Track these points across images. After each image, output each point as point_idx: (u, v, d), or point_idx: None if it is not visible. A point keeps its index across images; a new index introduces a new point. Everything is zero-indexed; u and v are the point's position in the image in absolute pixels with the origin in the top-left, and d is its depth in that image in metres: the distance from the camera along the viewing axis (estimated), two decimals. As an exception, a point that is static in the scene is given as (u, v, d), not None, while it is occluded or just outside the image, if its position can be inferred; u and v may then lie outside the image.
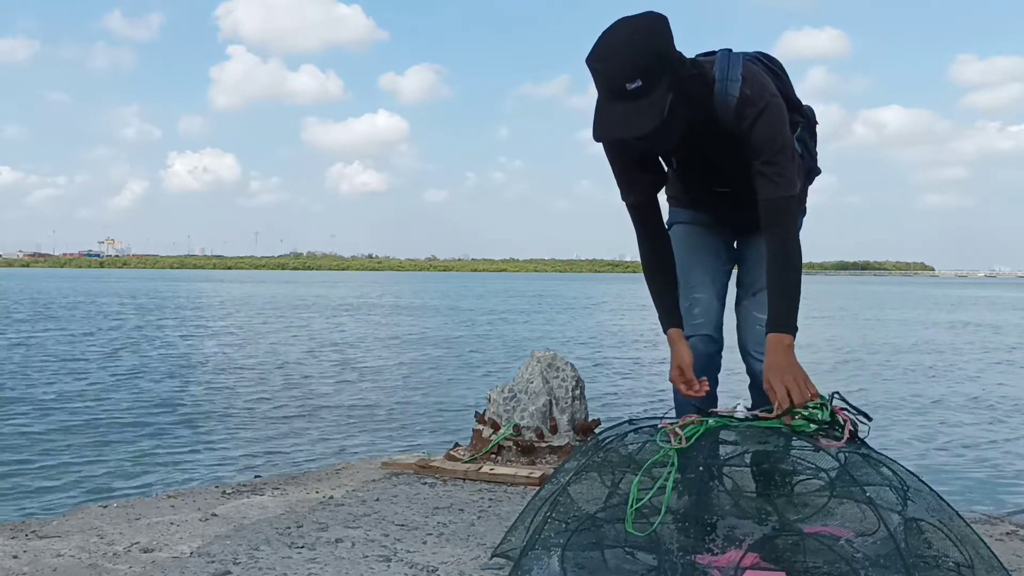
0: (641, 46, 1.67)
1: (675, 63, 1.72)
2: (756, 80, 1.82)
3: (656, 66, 1.67)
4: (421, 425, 6.60)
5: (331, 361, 11.02)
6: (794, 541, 1.60)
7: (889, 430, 6.50)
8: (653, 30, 1.69)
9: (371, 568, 1.93)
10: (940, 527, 1.58)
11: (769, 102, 1.81)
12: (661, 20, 1.71)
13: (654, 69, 1.66)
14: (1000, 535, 2.32)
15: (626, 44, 1.68)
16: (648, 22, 1.70)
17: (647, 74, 1.65)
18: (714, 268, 2.14)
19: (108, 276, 77.20)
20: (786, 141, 1.84)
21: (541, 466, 2.92)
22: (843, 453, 1.63)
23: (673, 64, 1.71)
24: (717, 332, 2.10)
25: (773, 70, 1.95)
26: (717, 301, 2.11)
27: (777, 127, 1.81)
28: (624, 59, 1.66)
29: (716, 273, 2.14)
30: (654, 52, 1.67)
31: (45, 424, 6.23)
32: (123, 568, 1.91)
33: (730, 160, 1.88)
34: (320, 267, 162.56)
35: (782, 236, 1.85)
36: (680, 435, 1.66)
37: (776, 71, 1.96)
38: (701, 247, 2.14)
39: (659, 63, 1.67)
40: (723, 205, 2.06)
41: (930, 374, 10.40)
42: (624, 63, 1.66)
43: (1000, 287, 78.68)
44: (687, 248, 2.12)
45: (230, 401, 7.54)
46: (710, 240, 2.15)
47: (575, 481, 1.79)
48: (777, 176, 1.81)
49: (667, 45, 1.71)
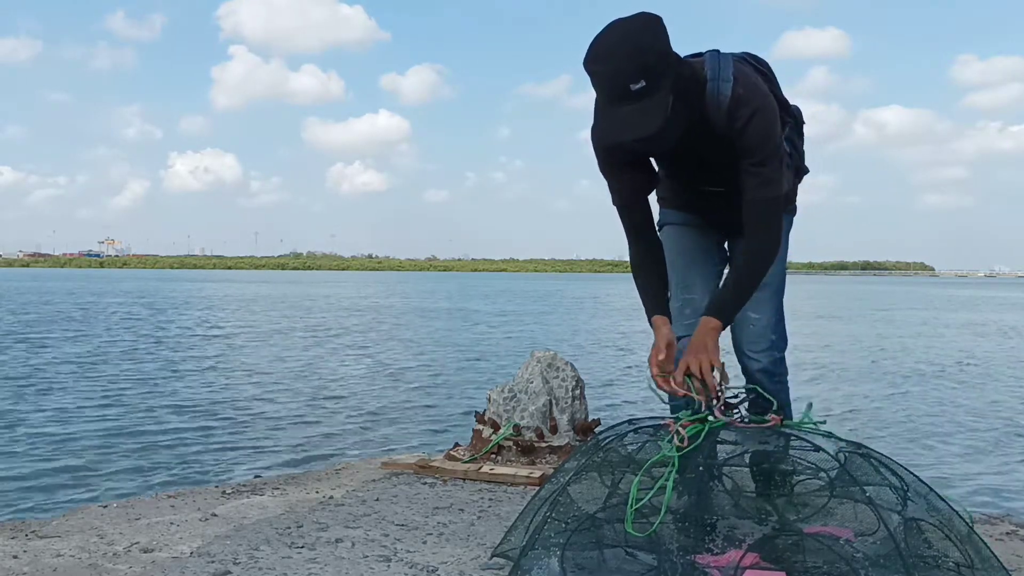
0: (642, 45, 1.66)
1: (675, 62, 1.72)
2: (748, 80, 1.82)
3: (658, 65, 1.66)
4: (421, 425, 6.60)
5: (331, 361, 11.02)
6: (794, 541, 1.60)
7: (890, 430, 6.51)
8: (651, 30, 1.69)
9: (371, 568, 1.93)
10: (940, 527, 1.58)
11: (762, 103, 1.81)
12: (657, 20, 1.71)
13: (657, 68, 1.66)
14: (1000, 535, 2.33)
15: (625, 44, 1.67)
16: (644, 22, 1.69)
17: (650, 74, 1.65)
18: (705, 269, 2.15)
19: (110, 276, 77.23)
20: (778, 142, 1.85)
21: (541, 466, 2.92)
22: (843, 453, 1.63)
23: (673, 63, 1.71)
24: None
25: (761, 70, 1.95)
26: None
27: (770, 128, 1.82)
28: (626, 59, 1.65)
29: (708, 274, 2.15)
30: (656, 51, 1.67)
31: (45, 424, 6.23)
32: (123, 568, 1.91)
33: (721, 160, 1.89)
34: (320, 267, 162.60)
35: (765, 236, 1.86)
36: (681, 435, 1.66)
37: (764, 71, 1.96)
38: (692, 248, 2.15)
39: (661, 62, 1.67)
40: (714, 206, 2.07)
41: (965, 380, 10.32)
42: (627, 63, 1.65)
43: (1001, 287, 78.66)
44: (678, 249, 2.12)
45: (230, 401, 7.54)
46: (701, 241, 2.16)
47: (575, 481, 1.79)
48: (766, 177, 1.82)
49: (666, 44, 1.70)
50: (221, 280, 64.93)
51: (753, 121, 1.79)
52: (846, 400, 8.18)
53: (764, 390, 1.92)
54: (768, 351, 2.07)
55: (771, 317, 2.08)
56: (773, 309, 2.08)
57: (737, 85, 1.80)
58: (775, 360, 2.09)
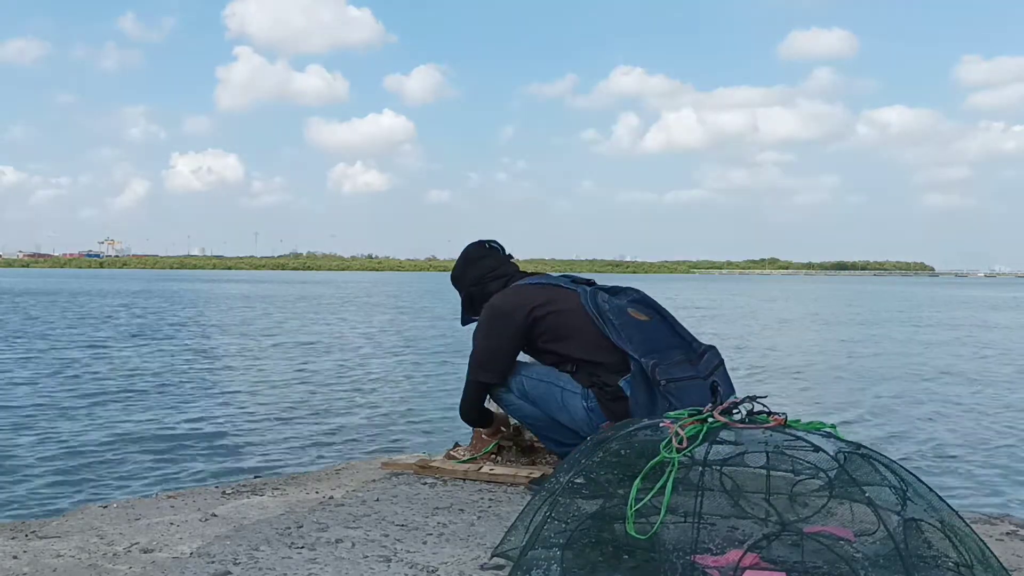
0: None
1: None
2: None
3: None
4: (421, 425, 6.60)
5: (332, 361, 11.02)
6: (794, 541, 1.60)
7: (892, 431, 6.51)
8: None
9: (371, 568, 1.93)
10: (940, 527, 1.58)
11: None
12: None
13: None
14: (1000, 535, 2.33)
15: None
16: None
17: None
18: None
19: (112, 276, 77.14)
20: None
21: (541, 466, 2.92)
22: (843, 453, 1.63)
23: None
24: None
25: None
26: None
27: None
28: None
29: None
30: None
31: (45, 424, 6.23)
32: (123, 568, 1.91)
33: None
34: (320, 267, 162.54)
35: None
36: (680, 435, 1.66)
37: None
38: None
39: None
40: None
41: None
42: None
43: (1002, 287, 78.61)
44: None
45: (230, 401, 7.54)
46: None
47: (575, 481, 1.79)
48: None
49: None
50: (221, 280, 64.87)
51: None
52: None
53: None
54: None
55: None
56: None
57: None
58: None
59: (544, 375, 2.65)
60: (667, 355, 2.48)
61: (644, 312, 2.64)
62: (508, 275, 2.86)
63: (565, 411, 2.59)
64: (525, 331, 2.65)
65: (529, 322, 2.63)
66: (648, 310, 2.67)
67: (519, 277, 2.85)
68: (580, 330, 2.58)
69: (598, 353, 2.53)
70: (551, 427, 2.69)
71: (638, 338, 2.50)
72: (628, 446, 1.79)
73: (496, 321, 2.68)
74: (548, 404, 2.64)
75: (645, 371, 2.40)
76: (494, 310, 2.70)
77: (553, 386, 2.62)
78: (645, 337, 2.52)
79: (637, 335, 2.51)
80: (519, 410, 2.74)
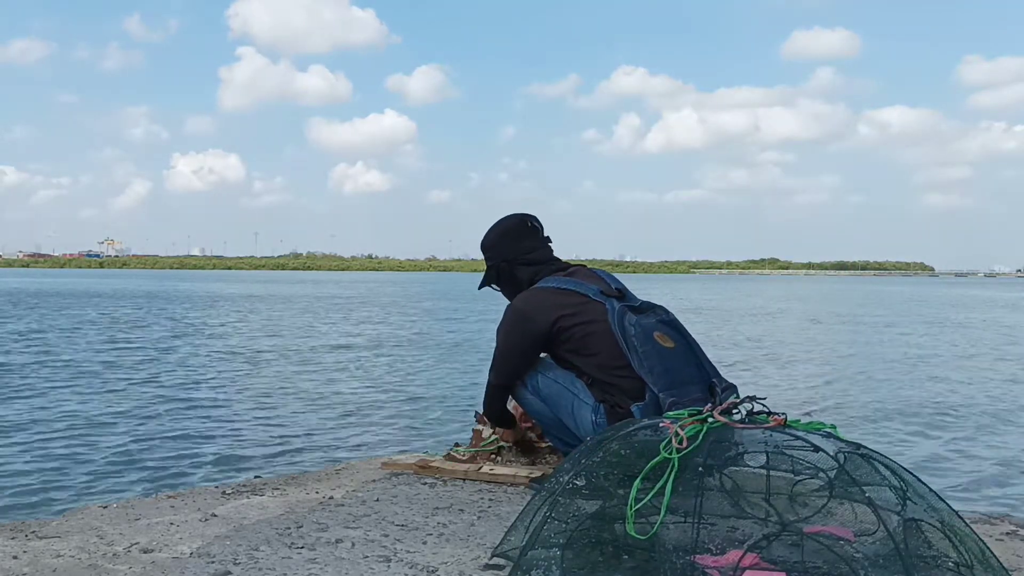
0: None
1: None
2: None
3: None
4: (421, 425, 6.61)
5: (332, 360, 11.02)
6: (794, 541, 1.60)
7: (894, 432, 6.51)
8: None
9: (371, 568, 1.93)
10: (940, 527, 1.58)
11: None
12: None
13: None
14: (1000, 535, 2.32)
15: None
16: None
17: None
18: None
19: (112, 276, 77.15)
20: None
21: (541, 466, 2.91)
22: (843, 453, 1.63)
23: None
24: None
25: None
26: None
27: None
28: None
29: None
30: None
31: (45, 424, 6.23)
32: (123, 568, 1.91)
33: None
34: (320, 267, 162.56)
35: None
36: (680, 436, 1.66)
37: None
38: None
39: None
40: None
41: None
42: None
43: (1003, 287, 78.59)
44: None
45: (230, 401, 7.54)
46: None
47: (575, 481, 1.79)
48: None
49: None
50: (222, 280, 64.87)
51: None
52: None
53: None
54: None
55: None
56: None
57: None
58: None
59: (560, 378, 2.63)
60: (685, 390, 2.43)
61: (671, 338, 2.56)
62: (541, 262, 2.79)
63: (573, 418, 2.59)
64: (548, 338, 2.62)
65: (554, 330, 2.60)
66: (675, 334, 2.58)
67: (550, 266, 2.79)
68: (602, 349, 2.53)
69: (616, 374, 2.50)
70: (558, 427, 2.69)
71: (659, 369, 2.45)
72: (628, 446, 1.79)
73: (519, 325, 2.66)
74: (558, 406, 2.63)
75: (660, 405, 2.38)
76: (518, 313, 2.66)
77: (567, 391, 2.60)
78: (667, 368, 2.46)
79: (659, 366, 2.46)
80: (530, 405, 2.73)
